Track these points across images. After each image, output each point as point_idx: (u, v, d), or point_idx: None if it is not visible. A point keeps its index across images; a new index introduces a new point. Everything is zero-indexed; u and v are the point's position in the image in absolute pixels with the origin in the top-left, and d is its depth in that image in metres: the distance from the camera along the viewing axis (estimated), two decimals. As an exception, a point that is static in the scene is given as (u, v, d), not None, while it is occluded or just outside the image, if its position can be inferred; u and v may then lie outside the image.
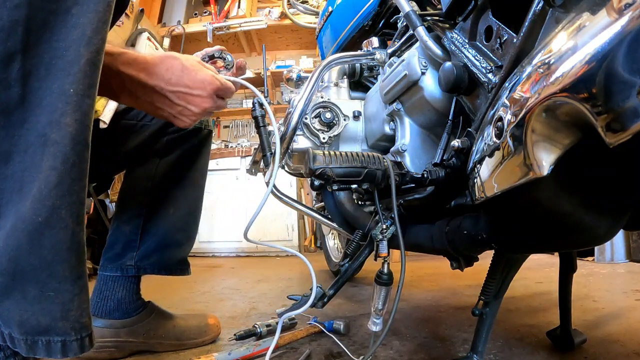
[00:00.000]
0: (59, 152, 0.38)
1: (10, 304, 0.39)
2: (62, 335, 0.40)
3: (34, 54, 0.37)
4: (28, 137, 0.38)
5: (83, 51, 0.38)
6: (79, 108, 0.39)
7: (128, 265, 0.90)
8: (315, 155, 0.62)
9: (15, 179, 0.38)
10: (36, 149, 0.38)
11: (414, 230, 0.79)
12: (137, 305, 0.90)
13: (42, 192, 0.37)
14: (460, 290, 1.55)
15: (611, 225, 0.51)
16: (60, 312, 0.40)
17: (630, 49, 0.30)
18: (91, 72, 0.39)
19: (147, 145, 0.90)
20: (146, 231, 0.92)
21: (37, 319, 0.39)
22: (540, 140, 0.41)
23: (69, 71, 0.38)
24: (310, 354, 0.86)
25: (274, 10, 3.79)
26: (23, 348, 0.40)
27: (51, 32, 0.38)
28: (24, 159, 0.38)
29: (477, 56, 0.65)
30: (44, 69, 0.38)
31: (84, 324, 0.42)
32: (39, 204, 0.37)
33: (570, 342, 0.82)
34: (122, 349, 0.86)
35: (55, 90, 0.38)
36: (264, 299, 1.49)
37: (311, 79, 0.96)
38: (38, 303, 0.39)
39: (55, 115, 0.38)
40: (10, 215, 0.38)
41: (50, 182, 0.37)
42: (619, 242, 2.17)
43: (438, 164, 0.70)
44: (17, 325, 0.39)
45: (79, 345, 0.41)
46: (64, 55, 0.38)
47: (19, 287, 0.38)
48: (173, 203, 0.94)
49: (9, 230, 0.38)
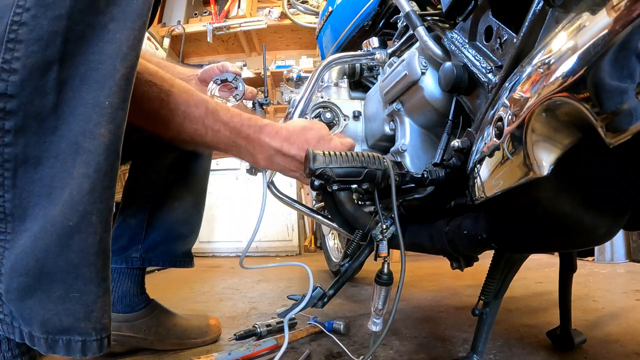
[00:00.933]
0: (92, 161, 0.39)
1: (33, 303, 0.39)
2: (83, 335, 0.41)
3: (70, 64, 0.38)
4: (60, 144, 0.39)
5: (119, 66, 0.40)
6: (113, 120, 0.40)
7: (133, 258, 0.91)
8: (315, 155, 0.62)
9: (43, 183, 0.39)
10: (67, 156, 0.39)
11: (414, 230, 0.79)
12: (141, 299, 0.91)
13: (74, 197, 0.38)
14: (460, 290, 1.55)
15: (611, 225, 0.51)
16: (84, 313, 0.41)
17: (630, 49, 0.30)
18: (125, 87, 0.41)
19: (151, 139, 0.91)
20: (151, 224, 0.93)
21: (59, 318, 0.40)
22: (540, 140, 0.41)
23: (104, 84, 0.39)
24: (310, 354, 0.86)
25: (274, 10, 3.79)
26: (43, 346, 0.40)
27: (88, 45, 0.39)
28: (54, 164, 0.39)
29: (477, 56, 0.65)
30: (79, 80, 0.39)
31: (105, 324, 0.43)
32: (70, 208, 0.38)
33: (570, 342, 0.82)
34: (122, 344, 0.87)
35: (90, 102, 0.39)
36: (264, 299, 1.49)
37: (311, 79, 0.96)
38: (62, 303, 0.40)
39: (89, 126, 0.39)
40: (39, 218, 0.39)
41: (83, 189, 0.39)
42: (619, 242, 2.17)
43: (438, 164, 0.70)
44: (39, 324, 0.40)
45: (98, 345, 0.42)
46: (99, 68, 0.39)
47: (44, 287, 0.39)
48: (178, 196, 0.96)
49: (37, 233, 0.39)
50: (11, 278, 0.39)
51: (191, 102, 0.59)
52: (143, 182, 0.94)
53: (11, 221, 0.39)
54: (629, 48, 0.31)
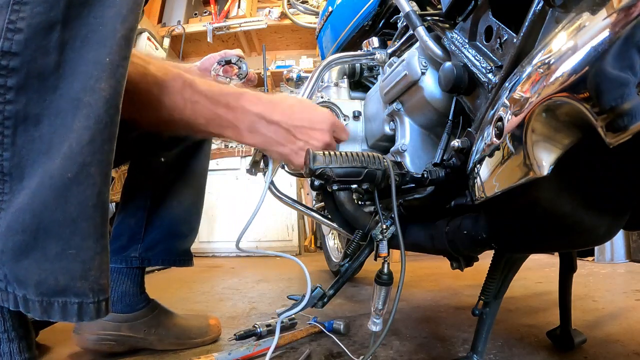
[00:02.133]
0: (92, 114, 0.39)
1: (30, 264, 0.38)
2: (80, 296, 0.40)
3: (72, 26, 0.39)
4: (60, 102, 0.39)
5: (119, 27, 0.41)
6: (113, 75, 0.41)
7: (132, 257, 0.91)
8: (315, 155, 0.62)
9: (43, 141, 0.39)
10: (67, 112, 0.39)
11: (414, 230, 0.79)
12: (140, 299, 0.91)
13: (74, 149, 0.38)
14: (460, 290, 1.55)
15: (611, 225, 0.51)
16: (81, 271, 0.40)
17: (630, 49, 0.30)
18: (125, 46, 0.42)
19: (150, 139, 0.91)
20: (150, 223, 0.93)
21: (55, 277, 0.39)
22: (540, 140, 0.41)
23: (105, 43, 0.40)
24: (310, 354, 0.86)
25: (274, 10, 3.79)
26: (37, 310, 0.39)
27: (90, 9, 0.40)
28: (54, 122, 0.39)
29: (477, 56, 0.65)
30: (80, 41, 0.40)
31: (103, 285, 0.41)
32: (69, 160, 0.38)
33: (570, 342, 0.82)
34: (122, 344, 0.87)
35: (91, 60, 0.40)
36: (264, 299, 1.49)
37: (311, 79, 0.96)
38: (59, 261, 0.39)
39: (90, 82, 0.39)
40: (37, 175, 0.38)
41: (83, 140, 0.39)
42: (619, 242, 2.16)
43: (438, 164, 0.70)
44: (33, 285, 0.39)
45: (95, 308, 0.41)
46: (100, 30, 0.40)
47: (41, 244, 0.38)
48: (177, 195, 0.96)
49: (35, 188, 0.38)
50: (7, 237, 0.38)
51: (168, 75, 0.58)
52: (142, 181, 0.95)
53: (9, 181, 0.38)
54: (629, 48, 0.31)
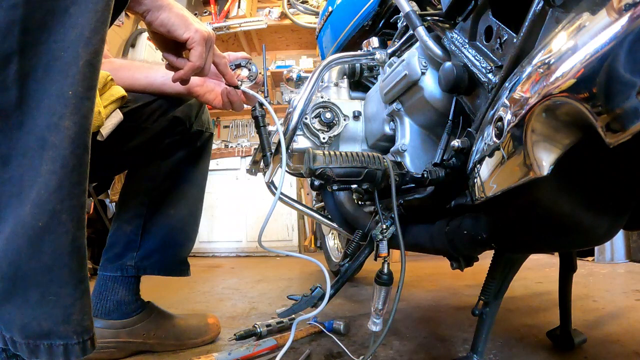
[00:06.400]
0: (58, 156, 0.37)
1: (12, 308, 0.38)
2: (64, 339, 0.40)
3: (32, 55, 0.36)
4: (27, 140, 0.37)
5: (82, 52, 0.38)
6: (78, 111, 0.38)
7: (128, 266, 0.90)
8: (315, 155, 0.62)
9: (13, 182, 0.37)
10: (35, 152, 0.37)
11: (414, 230, 0.79)
12: (136, 305, 0.90)
13: (42, 196, 0.37)
14: (460, 290, 1.55)
15: (611, 225, 0.51)
16: (62, 316, 0.39)
17: (630, 49, 0.30)
18: (90, 74, 0.39)
19: (148, 147, 0.90)
20: (147, 231, 0.92)
21: (38, 323, 0.39)
22: (540, 140, 0.41)
23: (67, 73, 0.37)
24: (310, 354, 0.86)
25: (274, 10, 3.79)
26: (25, 352, 0.40)
27: (49, 33, 0.37)
28: (23, 162, 0.37)
29: (477, 56, 0.65)
30: (42, 71, 0.37)
31: (86, 327, 0.42)
32: (38, 208, 0.37)
33: (570, 342, 0.82)
34: (122, 350, 0.86)
35: (54, 93, 0.37)
36: (264, 299, 1.49)
37: (311, 79, 0.96)
38: (40, 307, 0.39)
39: (53, 119, 0.37)
40: (10, 220, 0.37)
41: (50, 187, 0.37)
42: (619, 242, 2.17)
43: (438, 164, 0.70)
44: (18, 329, 0.39)
45: (81, 348, 0.41)
46: (62, 56, 0.37)
47: (20, 291, 0.38)
48: (174, 204, 0.94)
49: (9, 235, 0.37)
50: None
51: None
52: (139, 188, 0.93)
53: None
54: (629, 48, 0.31)
